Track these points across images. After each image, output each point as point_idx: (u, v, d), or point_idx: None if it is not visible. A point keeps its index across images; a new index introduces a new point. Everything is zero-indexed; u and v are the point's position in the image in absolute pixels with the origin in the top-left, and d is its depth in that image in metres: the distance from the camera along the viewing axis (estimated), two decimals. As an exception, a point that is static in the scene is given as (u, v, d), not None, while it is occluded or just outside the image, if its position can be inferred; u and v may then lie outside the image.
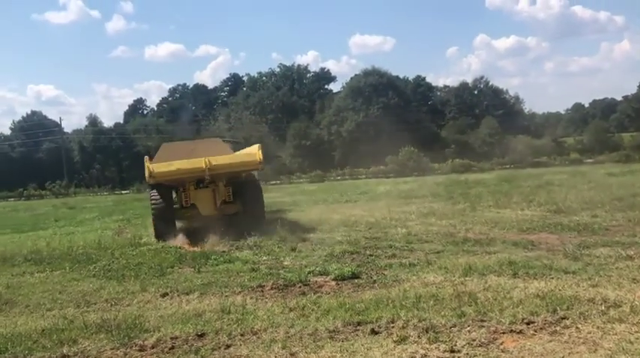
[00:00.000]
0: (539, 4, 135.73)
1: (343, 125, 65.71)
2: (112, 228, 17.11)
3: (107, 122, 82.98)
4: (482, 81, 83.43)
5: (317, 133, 67.39)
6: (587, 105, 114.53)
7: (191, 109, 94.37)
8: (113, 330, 5.58)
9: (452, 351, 4.44)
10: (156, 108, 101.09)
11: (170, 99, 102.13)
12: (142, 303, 6.86)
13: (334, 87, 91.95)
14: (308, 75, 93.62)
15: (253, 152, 13.45)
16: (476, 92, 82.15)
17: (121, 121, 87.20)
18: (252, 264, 8.95)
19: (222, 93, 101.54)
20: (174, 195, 14.06)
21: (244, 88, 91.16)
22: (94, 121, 73.72)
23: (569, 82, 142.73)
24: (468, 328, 4.91)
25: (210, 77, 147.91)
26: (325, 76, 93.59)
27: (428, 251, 8.96)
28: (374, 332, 5.03)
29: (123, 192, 51.86)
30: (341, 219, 13.93)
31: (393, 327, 5.10)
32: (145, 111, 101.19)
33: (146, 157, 13.52)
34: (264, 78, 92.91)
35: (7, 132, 76.98)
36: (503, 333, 4.76)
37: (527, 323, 4.91)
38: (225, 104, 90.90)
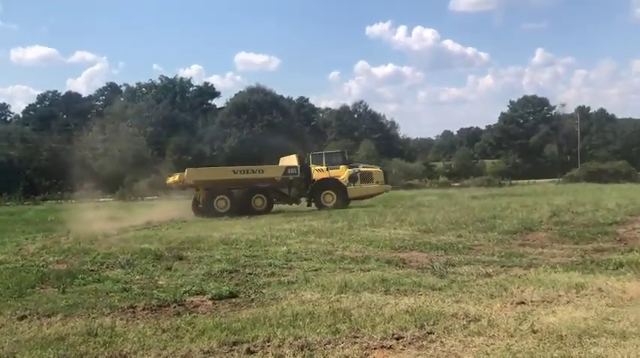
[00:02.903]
0: (414, 36, 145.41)
1: (226, 141, 65.08)
2: (-38, 245, 15.37)
3: (-38, 127, 75.08)
4: (362, 105, 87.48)
5: (199, 148, 66.06)
6: (455, 132, 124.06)
7: (62, 117, 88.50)
8: (-42, 359, 5.00)
9: (326, 368, 4.50)
10: (21, 115, 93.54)
11: (38, 106, 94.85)
12: (-5, 328, 6.22)
13: (218, 102, 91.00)
14: (191, 89, 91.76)
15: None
16: (356, 116, 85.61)
17: (-20, 127, 79.44)
18: (124, 283, 8.47)
19: (98, 103, 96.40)
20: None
21: (122, 99, 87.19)
22: (-55, 126, 66.38)
23: (439, 111, 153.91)
24: (342, 344, 5.02)
25: (84, 85, 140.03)
26: (209, 91, 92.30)
27: (306, 269, 9.06)
28: (250, 351, 4.97)
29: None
30: (221, 237, 13.68)
31: (269, 346, 5.08)
32: (9, 118, 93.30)
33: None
34: (143, 89, 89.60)
35: None
36: (375, 349, 4.92)
37: (397, 339, 5.11)
38: (100, 114, 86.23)
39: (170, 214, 22.61)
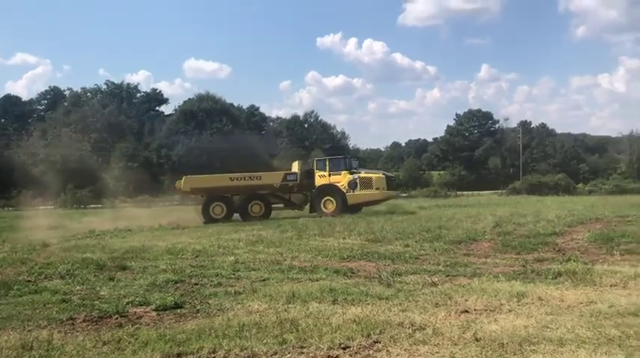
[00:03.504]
0: (364, 49, 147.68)
1: (174, 149, 63.96)
2: None
3: None
4: (313, 115, 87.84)
5: (145, 156, 64.65)
6: (403, 144, 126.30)
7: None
8: None
9: (272, 379, 4.45)
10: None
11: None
12: None
13: (166, 109, 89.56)
14: (138, 95, 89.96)
15: None
16: (306, 125, 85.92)
17: None
18: (63, 294, 8.15)
19: (40, 107, 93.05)
20: None
21: (65, 103, 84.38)
22: None
23: (388, 122, 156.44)
24: (289, 355, 4.98)
25: (25, 88, 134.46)
26: (157, 97, 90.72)
27: (254, 279, 8.97)
28: (194, 363, 4.87)
29: None
30: (167, 246, 13.41)
31: (214, 357, 4.99)
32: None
33: None
34: (88, 94, 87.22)
35: None
36: (322, 359, 4.91)
37: (344, 348, 5.12)
38: (42, 119, 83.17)
39: (114, 223, 21.98)
